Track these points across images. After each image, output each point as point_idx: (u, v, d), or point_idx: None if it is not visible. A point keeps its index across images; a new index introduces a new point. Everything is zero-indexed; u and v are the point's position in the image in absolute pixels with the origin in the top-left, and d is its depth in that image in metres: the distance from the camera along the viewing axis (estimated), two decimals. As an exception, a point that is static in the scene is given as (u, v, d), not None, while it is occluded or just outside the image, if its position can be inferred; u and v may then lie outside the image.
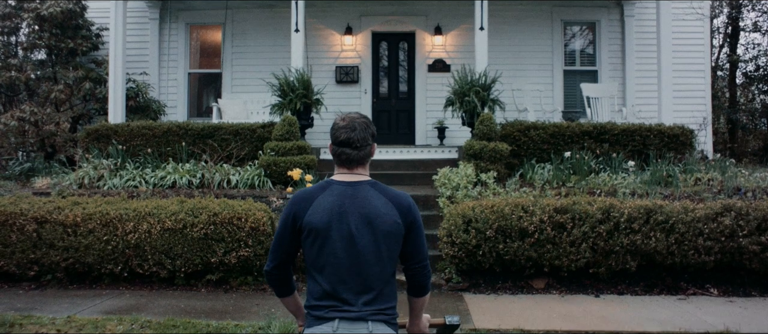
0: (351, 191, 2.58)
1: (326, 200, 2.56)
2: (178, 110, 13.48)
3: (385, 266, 2.55)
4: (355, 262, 2.51)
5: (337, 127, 2.63)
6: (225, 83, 13.57)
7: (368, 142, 2.63)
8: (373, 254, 2.52)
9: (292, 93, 10.62)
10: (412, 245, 2.64)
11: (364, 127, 2.62)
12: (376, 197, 2.58)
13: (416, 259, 2.66)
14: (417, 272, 2.68)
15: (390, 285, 2.60)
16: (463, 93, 10.52)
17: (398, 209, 2.58)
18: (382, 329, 2.51)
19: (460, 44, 13.38)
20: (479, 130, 9.98)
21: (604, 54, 13.56)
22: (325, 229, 2.52)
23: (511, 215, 7.31)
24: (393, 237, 2.56)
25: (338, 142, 2.61)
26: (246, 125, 10.69)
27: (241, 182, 9.80)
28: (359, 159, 2.62)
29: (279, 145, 9.91)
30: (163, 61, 13.54)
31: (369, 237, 2.52)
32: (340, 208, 2.53)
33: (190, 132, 10.56)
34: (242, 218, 7.29)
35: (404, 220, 2.58)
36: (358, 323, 2.48)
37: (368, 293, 2.52)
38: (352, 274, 2.51)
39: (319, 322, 2.50)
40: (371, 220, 2.53)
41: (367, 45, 13.48)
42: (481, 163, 9.68)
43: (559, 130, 10.43)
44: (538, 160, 10.35)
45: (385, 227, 2.54)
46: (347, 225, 2.52)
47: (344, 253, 2.51)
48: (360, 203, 2.55)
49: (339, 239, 2.51)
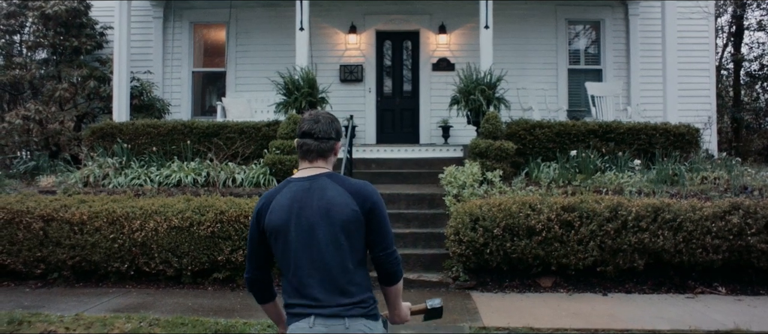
0: (307, 185, 2.58)
1: (284, 197, 2.57)
2: (182, 109, 13.46)
3: (346, 256, 2.52)
4: (317, 256, 2.50)
5: (302, 119, 2.69)
6: (229, 82, 13.56)
7: (330, 136, 2.64)
8: (332, 245, 2.50)
9: (297, 92, 10.60)
10: (375, 233, 2.59)
11: (328, 122, 2.66)
12: (333, 188, 2.56)
13: (381, 246, 2.60)
14: (383, 260, 2.61)
15: (358, 275, 2.55)
16: (468, 91, 10.50)
17: (355, 198, 2.54)
18: (360, 324, 2.48)
19: (464, 43, 13.36)
20: (485, 129, 9.97)
21: (608, 53, 13.54)
22: (284, 227, 2.53)
23: (519, 214, 7.29)
24: (351, 226, 2.52)
25: (301, 133, 2.65)
26: (251, 124, 10.67)
27: (246, 180, 9.78)
28: (320, 151, 2.63)
29: (284, 144, 9.89)
30: (167, 60, 13.53)
31: (326, 228, 2.50)
32: (297, 203, 2.54)
33: (195, 131, 10.55)
34: (249, 215, 7.28)
35: (362, 207, 2.54)
36: (334, 320, 2.46)
37: (336, 286, 2.49)
38: (316, 268, 2.50)
39: (297, 318, 2.50)
40: (327, 210, 2.51)
41: (371, 44, 13.47)
42: (487, 162, 9.66)
43: (564, 128, 10.41)
44: (544, 158, 10.33)
45: (341, 217, 2.51)
46: (305, 219, 2.51)
47: (305, 248, 2.51)
48: (316, 195, 2.55)
49: (298, 235, 2.51)
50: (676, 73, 11.61)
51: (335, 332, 2.44)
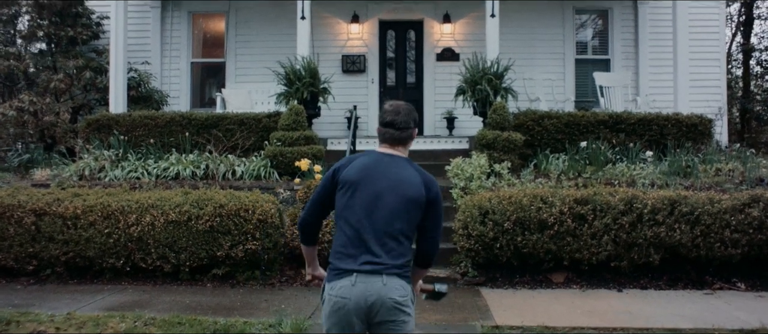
0: (387, 159, 2.94)
1: (364, 160, 2.95)
2: (180, 101, 13.16)
3: (404, 225, 2.85)
4: (377, 215, 2.82)
5: (384, 111, 3.02)
6: (229, 73, 13.25)
7: (410, 126, 2.98)
8: (394, 211, 2.83)
9: (299, 82, 10.30)
10: (430, 219, 2.94)
11: (408, 113, 3.00)
12: (409, 169, 2.93)
13: (431, 233, 2.97)
14: (429, 245, 2.99)
15: (404, 245, 2.87)
16: (474, 81, 10.20)
17: (424, 183, 2.91)
18: (395, 281, 2.80)
19: (469, 33, 13.04)
20: (492, 120, 9.67)
21: (616, 43, 13.21)
22: (357, 182, 2.87)
23: (530, 207, 7.00)
24: (415, 204, 2.87)
25: (384, 123, 2.98)
26: (251, 115, 10.38)
27: (246, 173, 9.50)
28: (401, 139, 2.98)
29: (285, 135, 9.60)
30: (165, 50, 13.22)
31: (394, 198, 2.84)
32: (374, 168, 2.90)
33: (194, 122, 10.26)
34: (249, 209, 7.00)
35: (428, 193, 2.90)
36: (374, 276, 2.77)
37: (385, 245, 2.81)
38: (373, 224, 2.82)
39: (340, 277, 2.80)
40: (399, 184, 2.86)
41: (373, 33, 13.15)
42: (495, 154, 9.36)
43: (573, 119, 10.11)
44: (553, 150, 10.03)
45: (410, 193, 2.86)
46: (377, 183, 2.86)
47: (369, 205, 2.83)
48: (393, 169, 2.90)
49: (367, 193, 2.85)
50: (688, 62, 11.30)
51: (374, 283, 2.77)
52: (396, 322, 2.80)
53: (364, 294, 2.76)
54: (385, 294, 2.77)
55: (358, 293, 2.76)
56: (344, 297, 2.78)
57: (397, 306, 2.79)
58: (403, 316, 2.83)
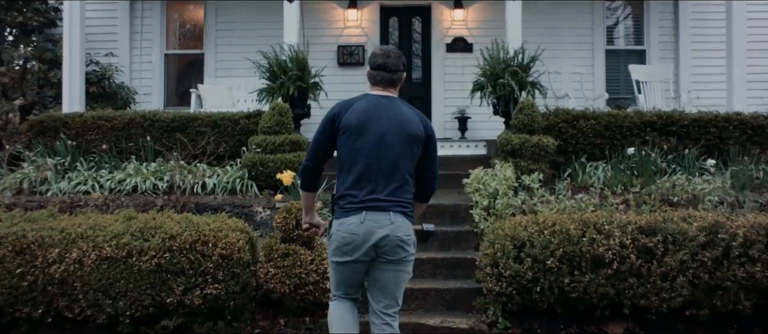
0: (385, 101, 3.28)
1: (363, 104, 3.24)
2: (152, 98, 11.45)
3: (408, 162, 3.22)
4: (383, 155, 3.14)
5: (374, 54, 3.39)
6: (207, 66, 11.53)
7: (399, 69, 3.34)
8: (399, 150, 3.16)
9: (284, 75, 8.58)
10: (427, 156, 3.30)
11: (397, 57, 3.39)
12: (406, 108, 3.32)
13: (430, 167, 3.34)
14: (428, 180, 3.35)
15: (408, 183, 3.24)
16: (495, 75, 8.48)
17: (422, 121, 3.31)
18: (400, 218, 3.16)
19: (484, 19, 11.31)
20: (518, 121, 7.95)
21: (653, 31, 11.49)
22: (360, 126, 3.15)
23: (582, 238, 5.30)
24: (416, 141, 3.24)
25: (375, 66, 3.34)
26: (226, 115, 8.66)
27: (218, 186, 7.80)
28: (391, 81, 3.34)
29: (267, 140, 7.90)
30: (135, 40, 11.50)
31: (397, 136, 3.17)
32: (374, 111, 3.20)
33: (158, 124, 8.54)
34: (209, 242, 5.29)
35: (426, 130, 3.30)
36: (381, 213, 3.11)
37: (391, 184, 3.16)
38: (380, 164, 3.15)
39: (349, 214, 3.12)
40: (400, 123, 3.19)
41: (374, 21, 11.42)
42: (522, 163, 7.66)
43: (615, 120, 8.39)
44: (590, 157, 8.31)
45: (412, 131, 3.21)
46: (380, 124, 3.16)
47: (375, 147, 3.15)
48: (393, 109, 3.24)
49: (372, 135, 3.15)
50: (745, 54, 9.60)
51: (382, 220, 3.12)
52: (399, 257, 3.11)
53: (372, 230, 3.07)
54: (392, 231, 3.09)
55: (366, 229, 3.07)
56: (353, 233, 3.09)
57: (401, 244, 3.12)
58: (405, 254, 3.17)
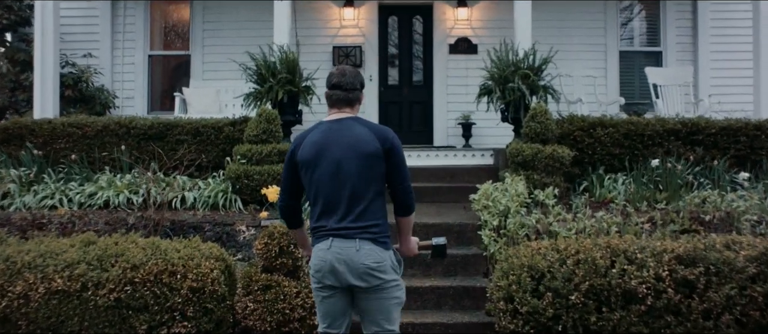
0: (337, 126, 3.12)
1: (315, 136, 3.12)
2: (136, 102, 10.71)
3: (371, 184, 3.05)
4: (342, 182, 3.02)
5: (330, 74, 3.23)
6: (195, 68, 10.79)
7: (356, 87, 3.19)
8: (357, 173, 3.02)
9: (273, 78, 7.85)
10: (393, 170, 3.11)
11: (354, 76, 3.22)
12: (358, 127, 3.11)
13: (398, 179, 3.13)
14: (399, 192, 3.15)
15: (375, 204, 3.06)
16: (504, 78, 7.74)
17: (377, 137, 3.09)
18: (368, 245, 3.00)
19: (489, 19, 10.59)
20: (529, 129, 7.21)
21: (669, 32, 10.75)
22: (314, 159, 3.06)
23: (610, 269, 4.55)
24: (374, 158, 3.05)
25: (331, 85, 3.18)
26: (209, 122, 7.91)
27: (199, 200, 7.09)
28: (347, 100, 3.17)
29: (253, 150, 7.17)
30: (116, 40, 10.76)
31: (353, 160, 3.03)
32: (326, 139, 3.08)
33: (134, 132, 7.80)
34: (178, 272, 4.55)
35: (383, 145, 3.07)
36: (348, 240, 3.00)
37: (355, 209, 3.01)
38: (340, 193, 3.02)
39: (319, 240, 3.07)
40: (353, 145, 3.04)
41: (372, 20, 10.69)
42: (535, 175, 6.93)
43: (635, 128, 7.66)
44: (608, 168, 7.58)
45: (365, 149, 3.04)
46: (333, 153, 3.04)
47: (331, 177, 3.04)
48: (345, 133, 3.08)
49: (327, 166, 3.04)
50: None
51: (348, 249, 2.99)
52: (374, 285, 2.99)
53: (338, 257, 2.99)
54: (358, 259, 2.97)
55: (332, 255, 3.00)
56: (322, 259, 3.02)
57: (370, 272, 2.98)
58: (379, 281, 3.01)
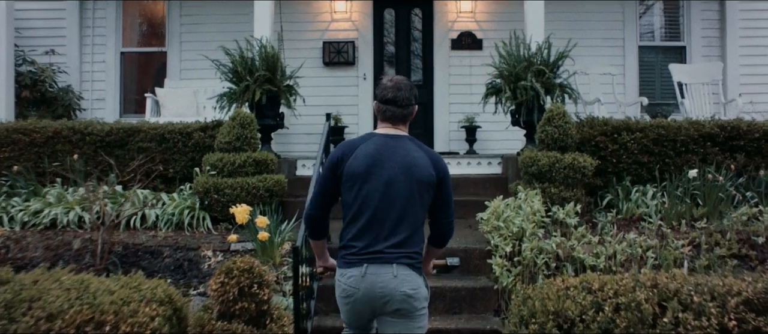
0: (392, 142, 2.83)
1: (368, 147, 2.81)
2: (106, 104, 9.74)
3: (417, 210, 2.78)
4: (390, 203, 2.74)
5: (384, 86, 2.87)
6: (171, 67, 9.80)
7: (411, 103, 2.88)
8: (407, 198, 2.75)
9: (250, 77, 6.87)
10: (442, 198, 2.86)
11: (409, 89, 2.89)
12: (416, 150, 2.84)
13: (445, 212, 2.89)
14: (443, 225, 2.91)
15: (419, 231, 2.82)
16: (515, 76, 6.76)
17: (433, 162, 2.84)
18: (405, 271, 2.73)
19: (496, 12, 9.60)
20: (546, 134, 6.21)
21: (694, 25, 9.75)
22: (365, 173, 2.76)
23: (661, 318, 3.55)
24: (426, 186, 2.80)
25: (385, 100, 2.85)
26: (177, 128, 6.92)
27: (162, 218, 6.11)
28: (402, 117, 2.88)
29: (224, 160, 6.18)
30: (85, 35, 9.79)
31: (405, 183, 2.76)
32: (380, 155, 2.78)
33: (90, 138, 6.83)
34: (107, 323, 3.53)
35: (437, 173, 2.83)
36: (384, 266, 2.71)
37: (398, 234, 2.73)
38: (387, 214, 2.74)
39: (350, 266, 2.75)
40: (408, 167, 2.77)
41: (366, 13, 9.70)
42: (551, 189, 5.94)
43: (666, 133, 6.65)
44: (635, 179, 6.59)
45: (420, 175, 2.78)
46: (386, 170, 2.76)
47: (381, 195, 2.75)
48: (400, 152, 2.80)
49: (377, 183, 2.75)
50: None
51: (383, 275, 2.70)
52: (406, 311, 2.74)
53: (374, 285, 2.72)
54: (395, 286, 2.72)
55: (368, 284, 2.72)
56: (354, 287, 2.75)
57: (407, 298, 2.73)
58: (413, 309, 2.76)
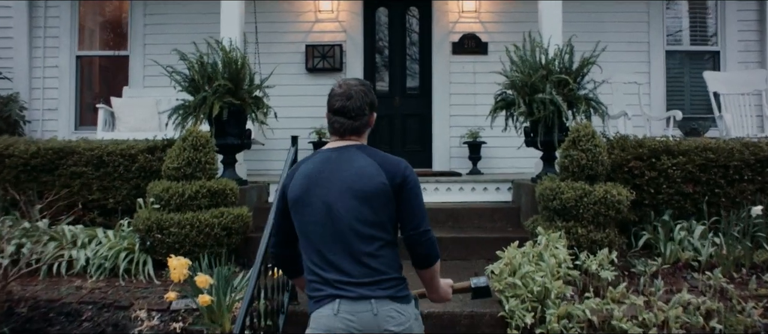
0: (335, 155, 2.37)
1: (306, 168, 2.38)
2: (59, 115, 8.53)
3: (374, 228, 2.26)
4: (337, 231, 2.25)
5: (333, 93, 2.41)
6: (133, 73, 8.58)
7: (365, 112, 2.41)
8: (355, 219, 2.25)
9: (209, 86, 5.65)
10: (405, 209, 2.31)
11: (362, 96, 2.39)
12: (361, 159, 2.34)
13: (412, 224, 2.31)
14: (415, 240, 2.31)
15: (383, 256, 2.26)
16: (531, 87, 5.51)
17: (385, 170, 2.30)
18: (386, 305, 2.21)
19: (503, 11, 8.38)
20: (570, 160, 4.97)
21: (729, 27, 8.53)
22: (301, 198, 2.32)
23: None
24: (378, 199, 2.27)
25: (333, 110, 2.39)
26: (118, 149, 5.65)
27: (93, 262, 4.89)
28: (353, 129, 2.40)
29: (171, 190, 4.95)
30: (36, 37, 8.58)
31: (350, 202, 2.27)
32: (318, 173, 2.34)
33: (11, 161, 5.56)
34: None
35: (392, 181, 2.29)
36: (361, 303, 2.19)
37: (361, 260, 2.23)
38: (336, 242, 2.25)
39: (319, 304, 2.24)
40: (352, 183, 2.29)
41: (356, 13, 8.48)
42: (578, 229, 4.71)
43: (715, 157, 5.40)
44: (677, 213, 5.36)
45: (368, 189, 2.27)
46: (325, 190, 2.30)
47: (323, 222, 2.27)
48: (342, 166, 2.34)
49: (317, 207, 2.29)
50: None
51: (362, 314, 2.18)
52: None
53: (350, 325, 2.18)
54: (377, 324, 2.19)
55: (343, 324, 2.18)
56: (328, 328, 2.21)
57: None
58: None
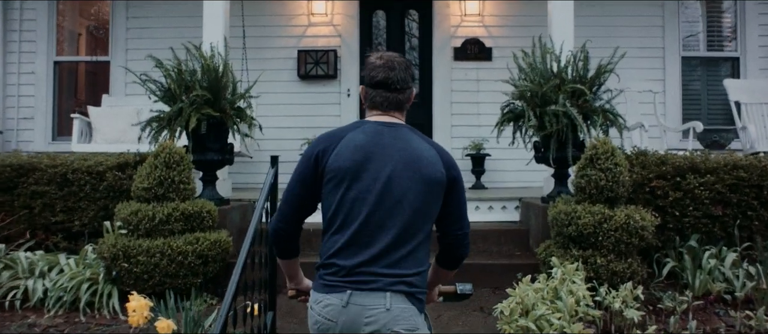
0: (390, 131, 2.04)
1: (357, 137, 2.02)
2: (36, 124, 8.02)
3: (424, 219, 2.00)
4: (390, 208, 1.96)
5: (373, 66, 2.10)
6: (114, 79, 8.06)
7: (408, 85, 2.12)
8: (413, 201, 1.97)
9: (186, 96, 5.11)
10: (453, 206, 2.08)
11: (405, 68, 2.11)
12: (418, 141, 2.06)
13: (458, 224, 2.10)
14: (455, 241, 2.12)
15: (424, 248, 2.02)
16: (542, 97, 4.97)
17: (442, 159, 2.05)
18: (402, 303, 1.93)
19: (509, 15, 7.87)
20: (587, 180, 4.42)
21: (749, 31, 8.01)
22: (354, 169, 1.98)
23: None
24: (436, 187, 2.01)
25: (374, 83, 2.09)
26: (85, 166, 5.11)
27: (52, 295, 4.35)
28: (397, 103, 2.10)
29: (140, 213, 4.42)
30: (10, 41, 8.08)
31: (410, 181, 1.98)
32: (375, 145, 2.00)
33: (-35, 179, 5.07)
34: None
35: (448, 172, 2.05)
36: (374, 295, 1.92)
37: (398, 250, 1.95)
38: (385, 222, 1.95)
39: (329, 291, 1.96)
40: (413, 161, 1.99)
41: (352, 16, 7.97)
42: (597, 258, 4.18)
43: (748, 176, 4.86)
44: (704, 238, 4.82)
45: (429, 173, 1.99)
46: (384, 165, 1.98)
47: (377, 197, 1.96)
48: (401, 143, 2.02)
49: (371, 181, 1.97)
50: None
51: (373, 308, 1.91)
52: None
53: (358, 319, 1.92)
54: (386, 323, 1.91)
55: (350, 316, 1.92)
56: (331, 319, 1.95)
57: None
58: None
